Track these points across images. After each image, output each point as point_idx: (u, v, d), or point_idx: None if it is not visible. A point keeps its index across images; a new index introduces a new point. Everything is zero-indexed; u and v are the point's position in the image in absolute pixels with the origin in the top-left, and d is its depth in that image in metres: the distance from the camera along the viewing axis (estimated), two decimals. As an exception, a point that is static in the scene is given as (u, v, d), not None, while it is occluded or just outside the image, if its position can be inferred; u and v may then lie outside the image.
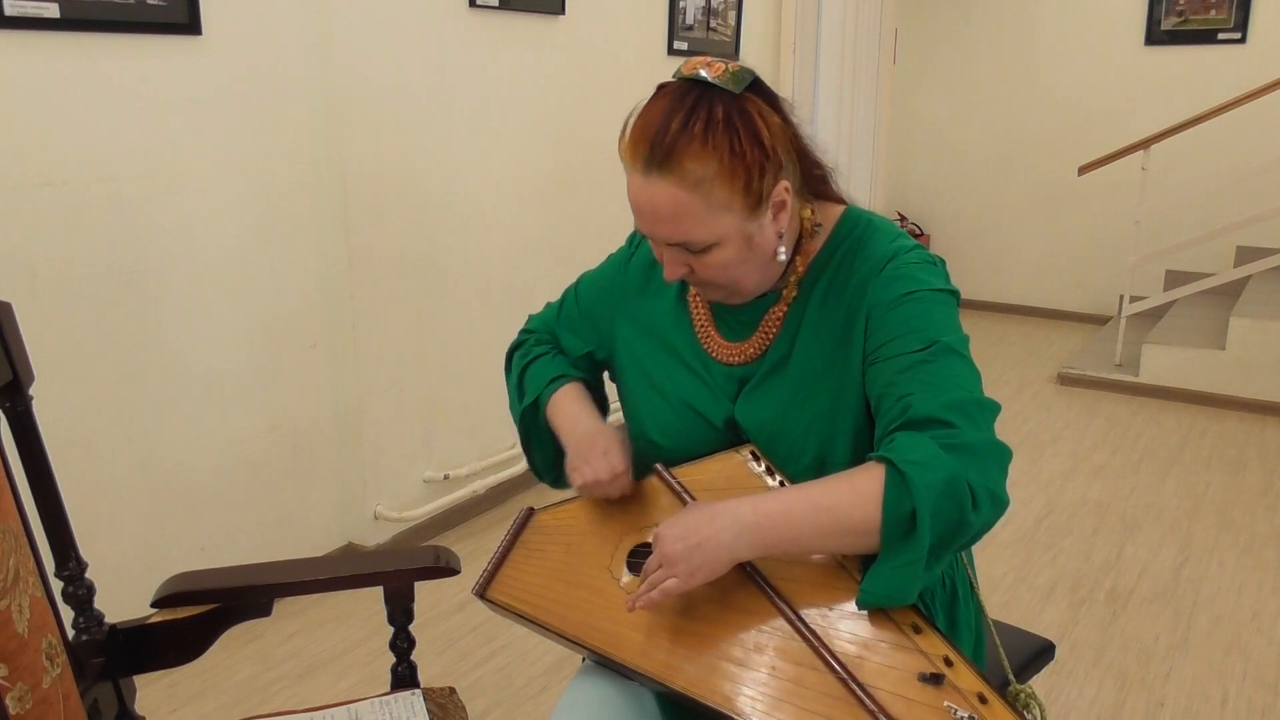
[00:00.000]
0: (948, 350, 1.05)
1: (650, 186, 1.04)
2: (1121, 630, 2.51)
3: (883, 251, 1.13)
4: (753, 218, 1.07)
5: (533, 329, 1.42)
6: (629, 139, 1.06)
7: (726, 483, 1.16)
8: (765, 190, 1.06)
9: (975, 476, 0.97)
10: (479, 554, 2.82)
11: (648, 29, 3.53)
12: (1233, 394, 4.27)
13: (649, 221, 1.08)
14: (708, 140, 1.02)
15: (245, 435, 2.48)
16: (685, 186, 1.03)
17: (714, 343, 1.21)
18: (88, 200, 2.09)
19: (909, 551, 0.96)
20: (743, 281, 1.12)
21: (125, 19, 2.08)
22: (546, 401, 1.30)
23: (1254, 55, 5.08)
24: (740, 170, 1.03)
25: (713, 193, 1.03)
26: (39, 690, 1.02)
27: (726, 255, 1.08)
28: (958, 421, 0.99)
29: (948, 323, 1.08)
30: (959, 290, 1.13)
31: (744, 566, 1.07)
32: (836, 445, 1.11)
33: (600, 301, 1.34)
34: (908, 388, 1.03)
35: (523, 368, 1.36)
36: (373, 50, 2.57)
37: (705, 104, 1.03)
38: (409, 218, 2.75)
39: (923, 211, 6.20)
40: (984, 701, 0.93)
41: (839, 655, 0.99)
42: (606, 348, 1.33)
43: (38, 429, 1.20)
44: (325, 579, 1.33)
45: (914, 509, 0.95)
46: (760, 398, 1.16)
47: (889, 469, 0.98)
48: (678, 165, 1.02)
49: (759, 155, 1.04)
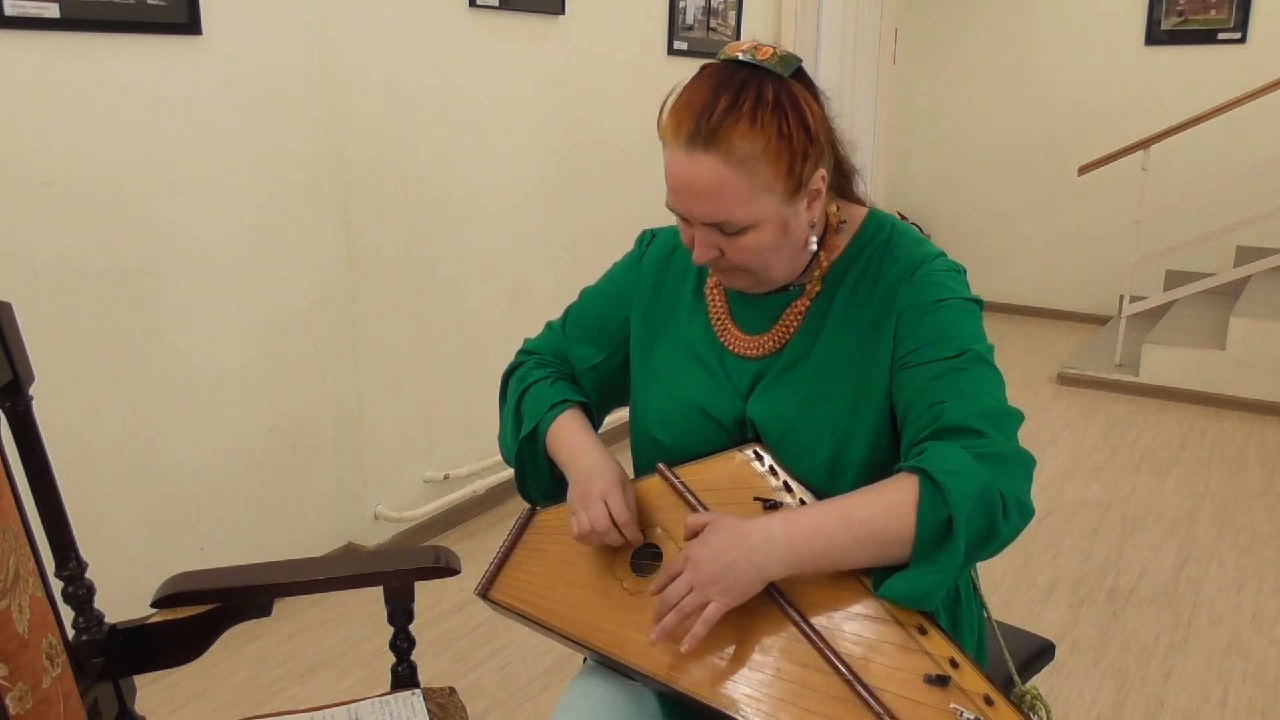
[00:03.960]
0: (979, 359, 1.06)
1: (693, 162, 1.03)
2: (1121, 630, 2.51)
3: (913, 257, 1.13)
4: (791, 203, 1.06)
5: (532, 350, 1.36)
6: (670, 115, 1.05)
7: (730, 482, 1.15)
8: (806, 176, 1.06)
9: (1006, 486, 0.98)
10: (479, 554, 2.82)
11: (648, 29, 3.53)
12: (1233, 394, 4.27)
13: (688, 199, 1.06)
14: (756, 119, 1.01)
15: (245, 435, 2.48)
16: (731, 164, 1.01)
17: (731, 335, 1.20)
18: (88, 200, 2.09)
19: (943, 560, 0.97)
20: (772, 269, 1.11)
21: (125, 19, 2.08)
22: (546, 429, 1.25)
23: (1254, 55, 5.08)
24: (786, 153, 1.03)
25: (757, 173, 1.02)
26: (39, 690, 1.02)
27: (762, 239, 1.07)
28: (988, 430, 1.00)
29: (976, 332, 1.09)
30: (982, 299, 1.14)
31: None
32: (853, 445, 1.11)
33: (610, 305, 1.31)
34: (940, 395, 1.03)
35: (520, 393, 1.30)
36: (373, 50, 2.56)
37: (755, 84, 1.03)
38: (409, 217, 2.75)
39: (923, 211, 6.20)
40: (990, 703, 0.93)
41: (844, 657, 0.99)
42: (622, 350, 1.30)
43: (38, 429, 1.20)
44: (325, 579, 1.33)
45: (949, 518, 0.95)
46: (777, 393, 1.15)
47: (923, 479, 0.98)
48: (725, 142, 1.01)
49: (805, 140, 1.04)
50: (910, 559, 0.99)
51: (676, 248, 1.28)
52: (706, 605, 1.00)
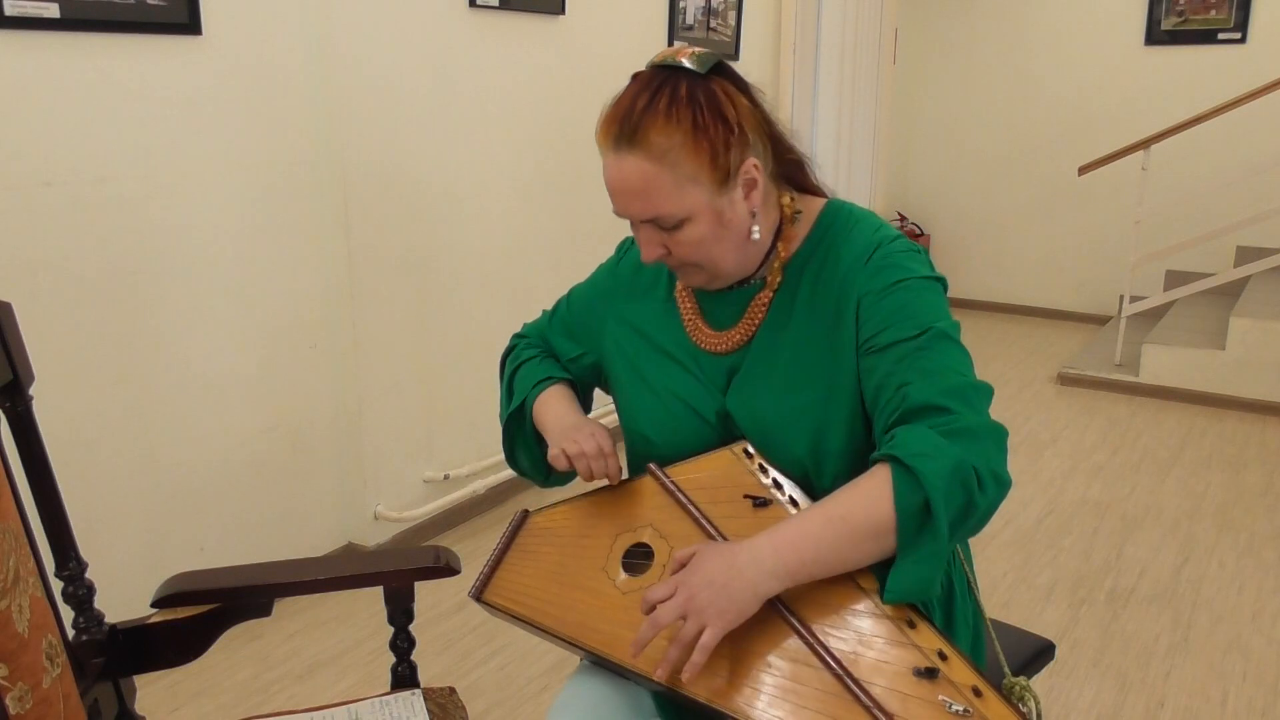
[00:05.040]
0: (941, 336, 1.06)
1: (620, 163, 1.08)
2: (1121, 630, 2.51)
3: (867, 240, 1.14)
4: (721, 192, 1.08)
5: (524, 334, 1.45)
6: (601, 123, 1.10)
7: (721, 480, 1.16)
8: (733, 165, 1.08)
9: (978, 459, 0.98)
10: (479, 554, 2.81)
11: (648, 29, 3.53)
12: (1233, 394, 4.27)
13: (621, 199, 1.10)
14: (671, 113, 1.05)
15: (245, 435, 2.48)
16: (652, 159, 1.06)
17: (702, 334, 1.22)
18: (88, 200, 2.09)
19: (929, 543, 0.98)
20: (720, 262, 1.13)
21: (125, 19, 2.08)
22: (533, 403, 1.31)
23: (1254, 55, 5.08)
24: (704, 142, 1.06)
25: (679, 164, 1.06)
26: (39, 690, 1.02)
27: (699, 231, 1.09)
28: (955, 407, 1.01)
29: (938, 309, 1.10)
30: (945, 277, 1.14)
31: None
32: (830, 434, 1.11)
33: (590, 306, 1.35)
34: (905, 376, 1.04)
35: (512, 371, 1.39)
36: (373, 50, 2.57)
37: (670, 83, 1.07)
38: (409, 217, 2.75)
39: (923, 211, 6.20)
40: (978, 695, 0.94)
41: (834, 652, 0.99)
42: (597, 351, 1.34)
43: (38, 429, 1.20)
44: (325, 579, 1.33)
45: (926, 500, 0.96)
46: (751, 387, 1.17)
47: (895, 465, 0.98)
48: (644, 139, 1.05)
49: (723, 129, 1.06)
50: (897, 548, 0.99)
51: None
52: (703, 631, 0.99)
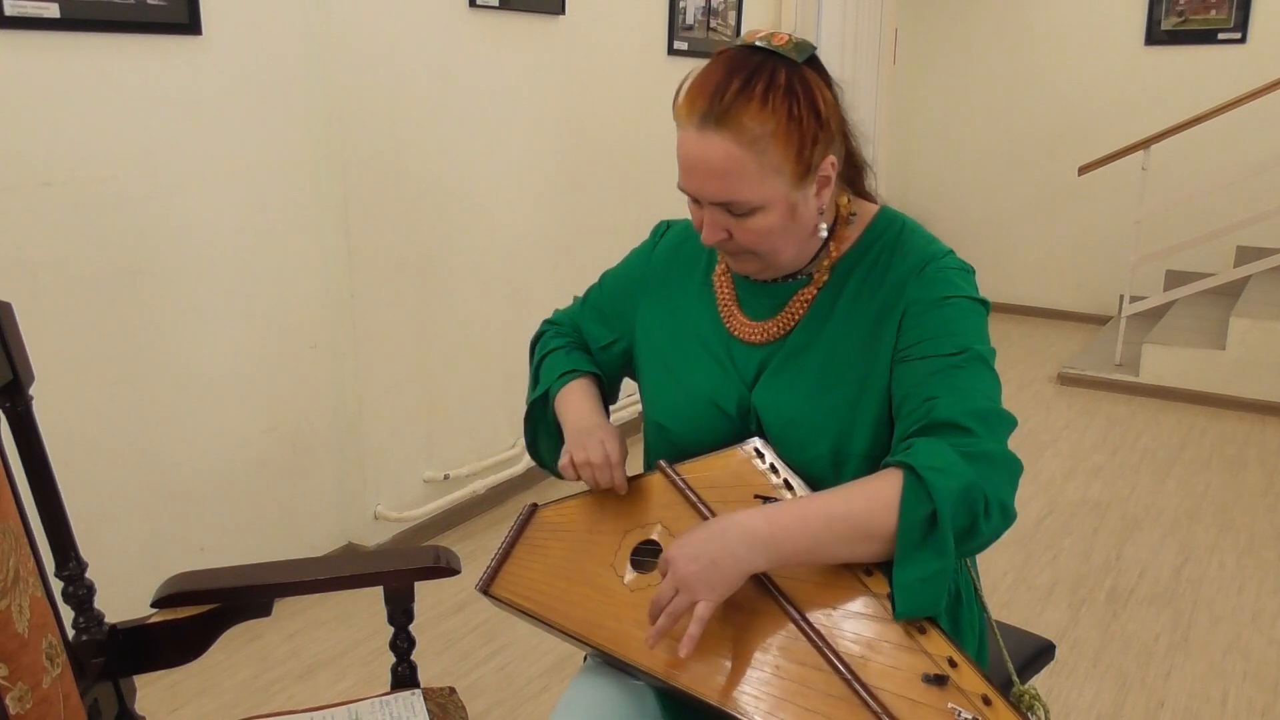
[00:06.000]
0: (978, 359, 1.06)
1: (705, 141, 1.05)
2: (1121, 630, 2.51)
3: (923, 253, 1.14)
4: (799, 186, 1.08)
5: (555, 321, 1.44)
6: (685, 96, 1.07)
7: (730, 480, 1.15)
8: (815, 160, 1.07)
9: (990, 487, 0.98)
10: (479, 554, 2.81)
11: (648, 29, 3.53)
12: (1233, 394, 4.26)
13: (698, 178, 1.08)
14: (768, 101, 1.03)
15: (245, 435, 2.48)
16: (741, 143, 1.03)
17: (737, 321, 1.21)
18: (88, 200, 2.09)
19: (935, 558, 0.97)
20: (780, 253, 1.12)
21: (125, 19, 2.08)
22: (555, 394, 1.31)
23: (1254, 55, 5.08)
24: (795, 135, 1.04)
25: (766, 153, 1.04)
26: (39, 690, 1.02)
27: (770, 221, 1.08)
28: (978, 429, 1.01)
29: (980, 332, 1.10)
30: (989, 301, 1.14)
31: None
32: (854, 437, 1.11)
33: (623, 291, 1.35)
34: (935, 390, 1.04)
35: (540, 358, 1.39)
36: (373, 50, 2.56)
37: (768, 68, 1.05)
38: (409, 217, 2.75)
39: (923, 211, 6.20)
40: (988, 703, 0.93)
41: (843, 655, 0.99)
42: (628, 336, 1.33)
43: (38, 429, 1.20)
44: (325, 579, 1.33)
45: (932, 512, 0.96)
46: (781, 381, 1.16)
47: (907, 474, 0.98)
48: (736, 121, 1.03)
49: (814, 124, 1.06)
50: (895, 555, 0.99)
51: (688, 238, 1.30)
52: (696, 604, 1.00)
